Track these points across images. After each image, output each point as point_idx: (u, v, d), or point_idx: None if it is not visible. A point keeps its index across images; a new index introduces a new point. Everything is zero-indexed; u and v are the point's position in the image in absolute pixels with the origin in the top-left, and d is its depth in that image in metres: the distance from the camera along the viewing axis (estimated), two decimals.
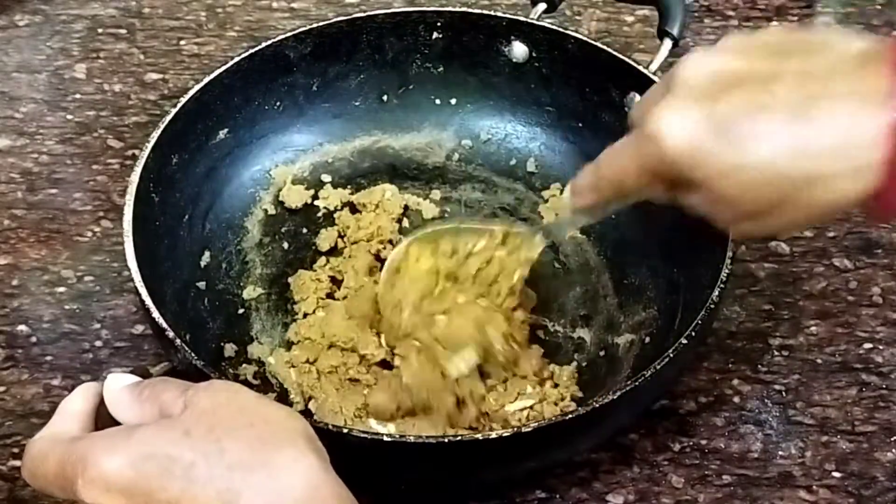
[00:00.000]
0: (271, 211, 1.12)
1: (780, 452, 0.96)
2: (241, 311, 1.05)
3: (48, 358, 1.02)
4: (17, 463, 0.95)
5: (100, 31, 1.34)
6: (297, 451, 0.66)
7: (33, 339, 1.04)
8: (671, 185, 0.76)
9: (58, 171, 1.18)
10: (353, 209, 1.13)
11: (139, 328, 1.05)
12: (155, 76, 1.28)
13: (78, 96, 1.26)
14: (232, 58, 1.08)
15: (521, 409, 0.96)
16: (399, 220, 1.12)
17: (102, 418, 0.74)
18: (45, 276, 1.09)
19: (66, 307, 1.06)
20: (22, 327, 1.05)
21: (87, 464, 0.66)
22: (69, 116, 1.24)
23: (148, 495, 0.65)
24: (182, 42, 1.32)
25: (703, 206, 0.76)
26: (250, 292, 1.06)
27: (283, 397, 0.98)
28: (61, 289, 1.08)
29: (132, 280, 0.90)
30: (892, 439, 0.97)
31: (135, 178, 0.97)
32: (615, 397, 0.83)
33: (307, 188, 1.14)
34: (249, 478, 0.64)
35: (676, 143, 0.72)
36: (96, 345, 1.03)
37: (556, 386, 0.98)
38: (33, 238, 1.12)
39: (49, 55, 1.31)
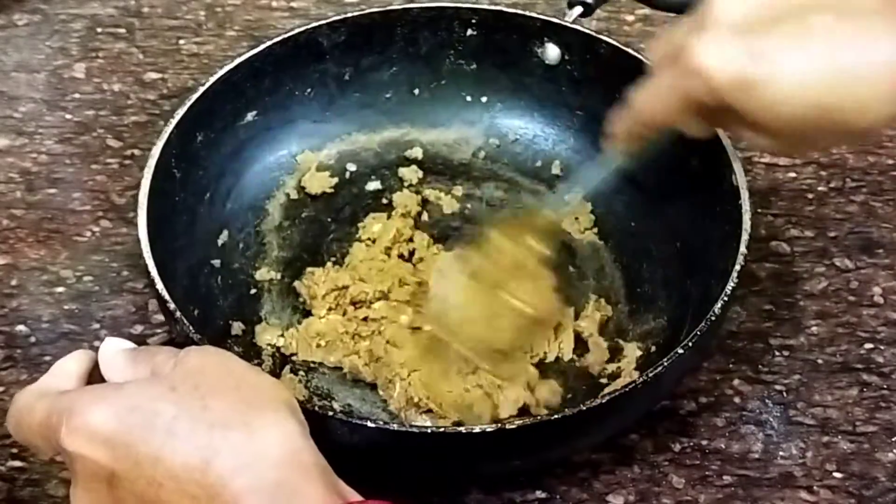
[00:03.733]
0: (294, 195, 1.13)
1: (781, 453, 0.96)
2: (252, 291, 1.06)
3: (47, 358, 1.02)
4: (16, 463, 0.95)
5: (99, 30, 1.34)
6: (278, 416, 0.68)
7: (32, 339, 1.04)
8: (710, 117, 0.80)
9: (57, 171, 1.18)
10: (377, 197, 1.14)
11: (138, 328, 1.04)
12: (154, 76, 1.28)
13: (77, 96, 1.26)
14: (259, 44, 1.09)
15: None
16: (418, 216, 1.12)
17: (94, 382, 0.75)
18: (44, 276, 1.08)
19: (65, 307, 1.06)
20: (21, 327, 1.05)
21: (73, 413, 0.68)
22: (68, 116, 1.24)
23: (129, 447, 0.66)
24: (181, 41, 1.32)
25: (744, 133, 0.80)
26: (264, 274, 1.07)
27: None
28: (60, 289, 1.07)
29: (143, 257, 0.90)
30: (893, 440, 0.97)
31: (156, 151, 0.97)
32: (603, 402, 0.83)
33: (332, 175, 1.14)
34: (229, 436, 0.65)
35: (723, 75, 0.74)
36: (95, 345, 1.01)
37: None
38: (32, 238, 1.12)
39: (48, 54, 1.31)
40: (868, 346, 1.03)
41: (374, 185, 1.15)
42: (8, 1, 1.36)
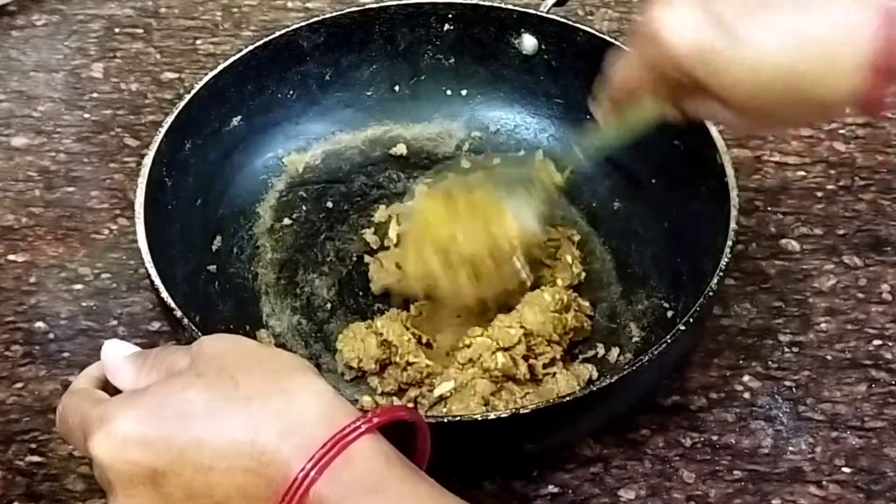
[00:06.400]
0: (283, 197, 1.14)
1: (791, 448, 0.97)
2: (250, 294, 1.07)
3: (65, 354, 1.03)
4: (35, 458, 0.96)
5: (116, 30, 1.35)
6: (308, 378, 0.68)
7: (51, 335, 1.05)
8: (677, 92, 0.81)
9: (75, 170, 1.19)
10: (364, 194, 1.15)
11: (155, 325, 1.05)
12: (171, 75, 1.29)
13: (95, 95, 1.27)
14: (246, 46, 1.10)
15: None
16: None
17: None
18: (62, 273, 1.10)
19: (83, 304, 1.07)
20: (39, 324, 1.05)
21: (104, 420, 0.67)
22: (86, 115, 1.25)
23: (169, 440, 0.66)
24: (198, 41, 1.33)
25: (708, 108, 0.80)
26: (260, 277, 1.08)
27: None
28: (78, 286, 1.08)
29: (144, 266, 0.91)
30: None
31: (147, 161, 0.98)
32: (612, 381, 0.84)
33: (319, 175, 1.16)
34: (269, 404, 0.66)
35: (681, 42, 0.76)
36: None
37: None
38: (51, 236, 1.13)
39: (66, 54, 1.32)
40: (876, 342, 1.04)
41: (360, 183, 1.16)
42: (27, 2, 1.37)
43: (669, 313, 1.00)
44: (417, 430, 0.70)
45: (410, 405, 0.97)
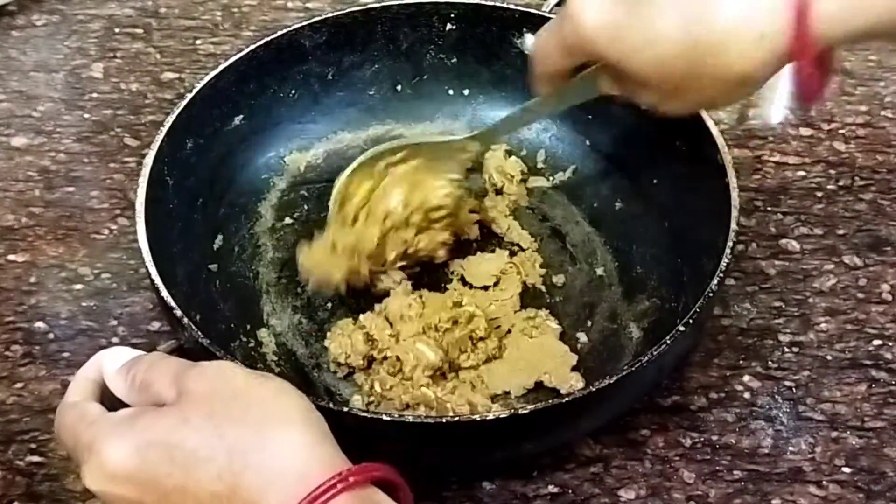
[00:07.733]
0: (285, 196, 1.14)
1: (791, 448, 0.97)
2: (251, 294, 1.06)
3: (65, 354, 1.03)
4: (34, 458, 0.96)
5: (116, 30, 1.35)
6: (290, 429, 0.68)
7: (51, 335, 1.05)
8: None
9: (75, 170, 1.19)
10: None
11: (155, 325, 1.05)
12: (171, 75, 1.29)
13: (95, 95, 1.27)
14: (247, 45, 1.10)
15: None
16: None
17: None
18: (62, 273, 1.10)
19: (83, 304, 1.07)
20: (39, 324, 1.06)
21: (93, 452, 0.69)
22: (86, 115, 1.25)
23: (155, 481, 0.67)
24: (198, 41, 1.33)
25: (623, 87, 0.83)
26: (261, 276, 1.08)
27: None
28: (78, 286, 1.08)
29: (145, 265, 0.91)
30: None
31: (149, 160, 0.98)
32: (612, 381, 0.84)
33: (320, 174, 1.16)
34: (250, 460, 0.66)
35: (591, 20, 0.79)
36: (113, 341, 1.04)
37: None
38: (51, 236, 1.13)
39: (66, 54, 1.32)
40: (876, 342, 1.04)
41: None
42: (27, 1, 1.37)
43: (670, 315, 1.00)
44: (398, 488, 0.70)
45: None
